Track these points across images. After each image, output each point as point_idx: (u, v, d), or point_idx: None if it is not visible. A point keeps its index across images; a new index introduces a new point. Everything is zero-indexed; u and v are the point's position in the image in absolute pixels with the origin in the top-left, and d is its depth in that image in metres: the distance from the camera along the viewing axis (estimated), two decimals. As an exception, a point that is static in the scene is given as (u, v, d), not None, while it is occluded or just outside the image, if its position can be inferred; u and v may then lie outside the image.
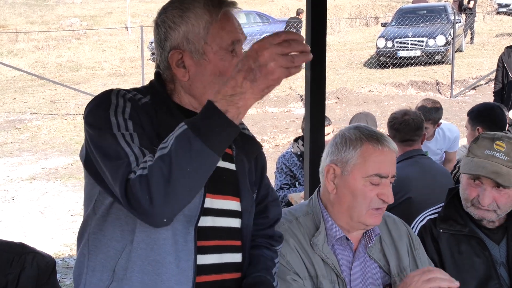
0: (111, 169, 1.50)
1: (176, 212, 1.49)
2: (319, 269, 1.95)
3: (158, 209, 1.43)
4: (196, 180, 1.45)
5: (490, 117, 4.12)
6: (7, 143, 10.94)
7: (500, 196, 2.31)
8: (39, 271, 2.11)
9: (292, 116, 12.21)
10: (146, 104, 1.65)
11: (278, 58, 1.35)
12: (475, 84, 14.22)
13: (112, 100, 1.60)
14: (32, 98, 14.63)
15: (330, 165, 2.01)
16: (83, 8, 31.25)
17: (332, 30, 22.56)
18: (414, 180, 3.54)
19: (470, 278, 2.34)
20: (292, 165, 4.83)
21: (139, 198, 1.42)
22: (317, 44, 3.16)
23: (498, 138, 2.35)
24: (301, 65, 1.40)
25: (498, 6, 26.13)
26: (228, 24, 1.66)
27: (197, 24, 1.64)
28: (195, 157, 1.41)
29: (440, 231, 2.42)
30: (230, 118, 1.41)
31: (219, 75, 1.64)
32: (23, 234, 6.51)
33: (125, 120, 1.56)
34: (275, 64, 1.35)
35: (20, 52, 21.12)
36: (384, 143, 1.99)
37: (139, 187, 1.42)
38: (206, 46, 1.64)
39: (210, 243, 1.66)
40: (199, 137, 1.40)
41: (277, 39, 1.36)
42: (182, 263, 1.58)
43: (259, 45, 1.37)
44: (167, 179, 1.40)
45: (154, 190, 1.41)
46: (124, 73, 17.73)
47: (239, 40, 1.68)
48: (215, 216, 1.68)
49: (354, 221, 1.98)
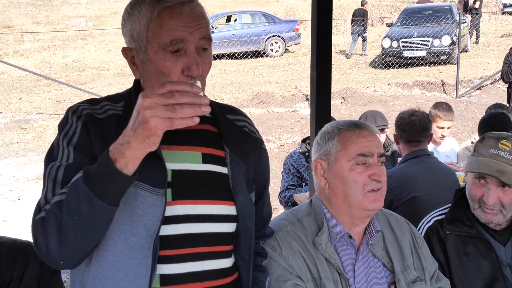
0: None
1: (74, 256, 1.51)
2: (322, 270, 1.94)
3: (53, 253, 1.47)
4: (86, 228, 1.44)
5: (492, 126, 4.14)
6: (13, 143, 10.99)
7: (505, 196, 2.31)
8: (43, 269, 2.12)
9: (297, 116, 12.20)
10: (111, 116, 1.62)
11: (156, 107, 1.33)
12: (480, 84, 14.19)
13: (68, 120, 1.61)
14: (38, 98, 14.68)
15: (316, 160, 2.05)
16: (89, 8, 31.34)
17: (337, 30, 22.56)
18: (419, 179, 3.55)
19: (477, 280, 2.34)
20: (300, 166, 4.83)
21: (38, 240, 1.48)
22: (322, 44, 3.17)
23: (504, 138, 2.36)
24: (195, 118, 1.35)
25: (504, 6, 26.03)
26: (168, 22, 1.54)
27: (139, 21, 1.57)
28: (83, 205, 1.41)
29: (447, 232, 2.42)
30: (119, 168, 1.40)
31: (162, 76, 1.56)
32: (28, 234, 6.52)
33: (68, 146, 1.56)
34: (151, 113, 1.33)
35: (26, 52, 21.18)
36: (361, 126, 2.01)
37: (40, 230, 1.47)
38: (148, 44, 1.57)
39: (183, 251, 1.60)
40: (88, 186, 1.41)
41: (161, 90, 1.34)
42: (138, 279, 1.55)
43: (144, 94, 1.36)
44: (59, 225, 1.44)
45: (49, 235, 1.45)
46: (129, 73, 17.72)
47: (183, 39, 1.54)
48: (191, 222, 1.61)
49: (354, 209, 1.97)
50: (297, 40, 20.71)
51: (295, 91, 14.08)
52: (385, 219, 2.16)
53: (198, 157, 1.66)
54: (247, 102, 13.22)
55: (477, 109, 12.26)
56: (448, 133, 5.04)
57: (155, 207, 1.54)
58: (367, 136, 1.99)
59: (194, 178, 1.64)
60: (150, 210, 1.54)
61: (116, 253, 1.55)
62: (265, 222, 1.93)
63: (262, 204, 1.88)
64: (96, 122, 1.58)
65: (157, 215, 1.54)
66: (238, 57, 18.64)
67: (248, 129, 1.82)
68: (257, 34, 19.80)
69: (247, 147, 1.77)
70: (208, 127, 1.72)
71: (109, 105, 1.64)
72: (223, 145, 1.71)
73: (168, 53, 1.55)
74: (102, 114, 1.61)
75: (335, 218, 2.02)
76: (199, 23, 1.57)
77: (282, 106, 13.03)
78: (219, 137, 1.71)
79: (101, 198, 1.41)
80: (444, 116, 4.90)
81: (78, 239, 1.45)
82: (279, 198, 4.89)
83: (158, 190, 1.55)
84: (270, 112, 12.69)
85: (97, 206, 1.42)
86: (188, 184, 1.62)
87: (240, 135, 1.76)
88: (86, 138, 1.56)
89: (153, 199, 1.54)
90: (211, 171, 1.67)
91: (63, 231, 1.43)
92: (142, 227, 1.54)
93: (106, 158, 1.40)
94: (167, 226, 1.57)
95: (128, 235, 1.54)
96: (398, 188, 3.51)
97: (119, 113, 1.62)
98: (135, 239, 1.54)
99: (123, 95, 1.70)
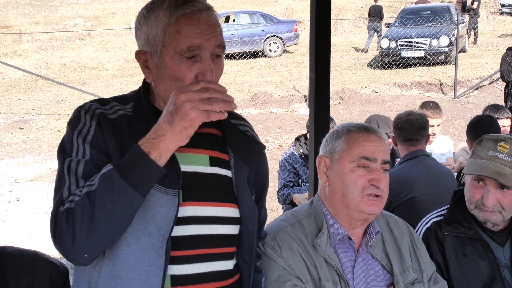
0: (54, 197, 1.58)
1: (98, 248, 1.53)
2: (322, 271, 1.95)
3: (79, 245, 1.48)
4: (117, 218, 1.49)
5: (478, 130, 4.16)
6: (11, 144, 10.98)
7: (504, 198, 2.32)
8: (52, 280, 2.09)
9: (296, 116, 12.21)
10: (122, 116, 1.65)
11: (194, 100, 1.43)
12: (478, 85, 14.21)
13: (81, 118, 1.63)
14: (37, 99, 14.67)
15: (320, 156, 2.06)
16: (87, 8, 31.28)
17: (336, 30, 22.56)
18: (418, 180, 3.56)
19: (475, 281, 2.35)
20: (294, 162, 4.89)
21: (63, 232, 1.48)
22: (321, 44, 3.18)
23: (502, 140, 2.36)
24: (225, 112, 1.47)
25: (502, 7, 26.06)
26: (186, 28, 1.57)
27: (156, 26, 1.60)
28: (117, 196, 1.46)
29: (445, 233, 2.43)
30: (153, 160, 1.47)
31: (176, 80, 1.59)
32: (28, 235, 6.53)
33: (83, 143, 1.59)
34: (190, 105, 1.43)
35: (24, 53, 21.15)
36: (370, 130, 2.02)
37: (65, 221, 1.48)
38: (164, 49, 1.59)
39: (192, 252, 1.64)
40: (123, 177, 1.46)
41: (196, 86, 1.46)
42: (150, 278, 1.57)
43: (178, 90, 1.46)
44: (90, 216, 1.46)
45: (77, 226, 1.47)
46: (128, 74, 17.76)
47: (200, 46, 1.57)
48: (200, 224, 1.65)
49: (351, 210, 1.97)
50: (295, 41, 20.72)
51: (294, 91, 14.09)
52: (385, 221, 2.16)
53: (205, 160, 1.70)
54: (245, 103, 13.22)
55: (475, 109, 12.27)
56: (439, 130, 5.07)
57: (167, 207, 1.57)
58: (375, 141, 1.99)
59: (203, 180, 1.68)
60: (162, 210, 1.57)
61: (128, 253, 1.58)
62: (261, 225, 1.96)
63: (260, 208, 1.90)
64: (108, 121, 1.62)
65: (170, 215, 1.57)
66: (236, 57, 18.64)
67: (250, 134, 1.85)
68: (256, 35, 19.80)
69: (249, 151, 1.80)
70: (213, 131, 1.75)
71: (119, 106, 1.68)
72: (227, 148, 1.75)
73: (184, 59, 1.58)
74: (112, 114, 1.65)
75: (335, 219, 2.02)
76: (215, 31, 1.61)
77: (280, 106, 13.03)
78: (223, 141, 1.74)
79: (135, 189, 1.47)
80: (432, 114, 4.93)
81: (109, 230, 1.49)
82: (277, 196, 4.92)
83: (171, 191, 1.58)
84: (269, 112, 12.69)
85: (131, 196, 1.47)
86: (197, 186, 1.66)
87: (243, 140, 1.79)
88: (100, 136, 1.60)
89: (165, 200, 1.57)
90: (217, 174, 1.71)
91: (95, 221, 1.46)
92: (154, 227, 1.57)
93: (140, 151, 1.47)
94: (177, 227, 1.60)
95: (140, 235, 1.57)
96: (396, 189, 3.52)
97: (129, 114, 1.67)
98: (147, 239, 1.57)
99: (131, 97, 1.73)
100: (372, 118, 5.29)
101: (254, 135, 1.88)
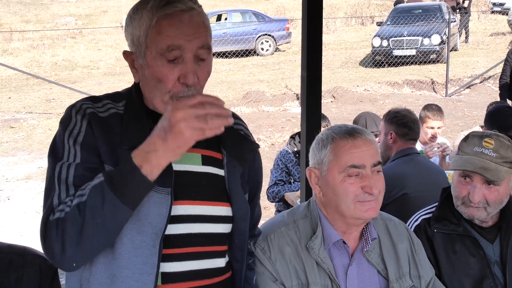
0: (44, 200, 1.58)
1: (87, 257, 1.54)
2: (311, 275, 1.92)
3: (68, 254, 1.49)
4: (107, 229, 1.50)
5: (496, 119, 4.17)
6: (2, 143, 10.92)
7: (489, 193, 2.34)
8: (41, 274, 2.10)
9: (288, 115, 12.21)
10: (113, 115, 1.64)
11: (190, 119, 1.38)
12: (470, 83, 14.25)
13: (72, 118, 1.62)
14: (27, 97, 14.59)
15: (309, 169, 2.03)
16: (78, 7, 31.15)
17: (327, 29, 22.58)
18: (410, 176, 3.57)
19: (465, 277, 2.36)
20: (288, 161, 4.89)
21: (53, 242, 1.49)
22: (313, 43, 3.17)
23: (487, 136, 2.39)
24: (221, 127, 1.41)
25: (493, 6, 26.18)
26: (167, 29, 1.55)
27: (139, 27, 1.59)
28: (108, 210, 1.46)
29: (435, 230, 2.44)
30: (144, 174, 1.46)
31: (158, 82, 1.58)
32: (18, 234, 6.50)
33: (74, 145, 1.58)
34: (185, 125, 1.38)
35: (15, 51, 21.03)
36: (355, 134, 1.95)
37: (55, 232, 1.48)
38: (147, 50, 1.59)
39: (184, 250, 1.64)
40: (113, 191, 1.46)
41: (192, 101, 1.39)
42: (144, 277, 1.57)
43: (174, 105, 1.41)
44: (80, 228, 1.47)
45: (67, 236, 1.47)
46: (119, 72, 17.69)
47: (180, 46, 1.55)
48: (192, 222, 1.65)
49: (347, 218, 1.95)
50: (287, 39, 20.71)
51: (286, 90, 14.09)
52: (384, 224, 2.13)
53: (198, 159, 1.70)
54: (237, 101, 13.21)
55: (467, 107, 12.33)
56: (439, 133, 5.08)
57: (160, 206, 1.57)
58: (361, 146, 1.93)
59: (194, 179, 1.68)
60: (156, 209, 1.57)
61: (122, 251, 1.58)
62: (254, 223, 1.96)
63: (254, 206, 1.90)
64: (99, 121, 1.61)
65: (163, 214, 1.57)
66: (228, 56, 18.61)
67: (244, 133, 1.85)
68: (248, 33, 19.78)
69: (243, 150, 1.80)
70: None
71: (111, 104, 1.67)
72: (220, 147, 1.75)
73: (164, 60, 1.57)
74: (104, 112, 1.64)
75: (330, 223, 2.00)
76: (198, 32, 1.58)
77: (272, 105, 13.03)
78: (216, 140, 1.72)
79: (124, 203, 1.48)
80: (433, 116, 4.94)
81: (98, 240, 1.50)
82: (266, 193, 4.91)
83: (163, 189, 1.58)
84: (261, 111, 12.69)
85: (121, 210, 1.48)
86: (188, 185, 1.66)
87: (237, 138, 1.78)
88: (91, 137, 1.59)
89: (158, 198, 1.57)
90: (210, 173, 1.71)
91: (84, 233, 1.47)
92: (147, 226, 1.57)
93: (132, 165, 1.46)
94: (169, 225, 1.60)
95: (134, 233, 1.57)
96: (388, 186, 3.47)
97: (120, 112, 1.65)
98: (140, 237, 1.57)
99: (123, 94, 1.72)
100: (362, 116, 5.30)
101: (248, 133, 1.87)
